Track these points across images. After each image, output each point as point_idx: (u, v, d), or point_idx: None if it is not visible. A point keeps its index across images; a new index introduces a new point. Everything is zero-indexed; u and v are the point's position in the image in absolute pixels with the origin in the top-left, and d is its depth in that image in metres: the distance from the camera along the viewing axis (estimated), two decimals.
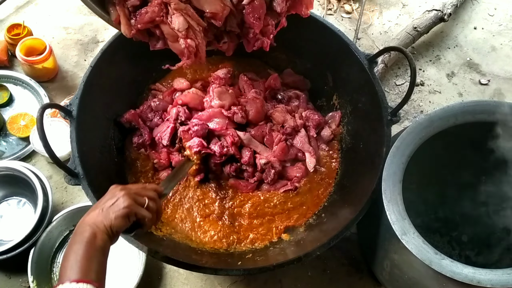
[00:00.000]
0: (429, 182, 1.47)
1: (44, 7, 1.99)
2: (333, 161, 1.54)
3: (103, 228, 0.93)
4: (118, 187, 1.02)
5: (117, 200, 0.98)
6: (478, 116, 1.21)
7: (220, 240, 1.38)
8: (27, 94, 1.76)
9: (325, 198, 1.47)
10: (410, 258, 1.14)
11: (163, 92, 1.58)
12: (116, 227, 0.94)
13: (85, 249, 0.89)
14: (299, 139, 1.51)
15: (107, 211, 0.96)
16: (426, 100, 1.91)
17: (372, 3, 2.13)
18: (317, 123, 1.54)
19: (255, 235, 1.39)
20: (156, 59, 1.55)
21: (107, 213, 0.95)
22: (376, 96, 1.35)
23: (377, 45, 2.01)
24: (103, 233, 0.93)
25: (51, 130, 1.60)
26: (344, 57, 1.44)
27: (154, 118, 1.52)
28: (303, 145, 1.51)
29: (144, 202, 1.01)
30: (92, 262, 0.88)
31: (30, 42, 1.73)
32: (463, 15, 2.10)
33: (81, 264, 0.86)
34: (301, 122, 1.53)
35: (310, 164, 1.49)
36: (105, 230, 0.93)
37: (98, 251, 0.90)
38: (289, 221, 1.43)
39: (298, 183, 1.47)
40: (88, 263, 0.87)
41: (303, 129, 1.53)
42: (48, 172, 1.63)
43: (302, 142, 1.51)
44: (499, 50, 2.02)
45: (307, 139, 1.53)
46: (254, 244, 1.39)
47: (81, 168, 1.21)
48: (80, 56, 1.88)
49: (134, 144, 1.49)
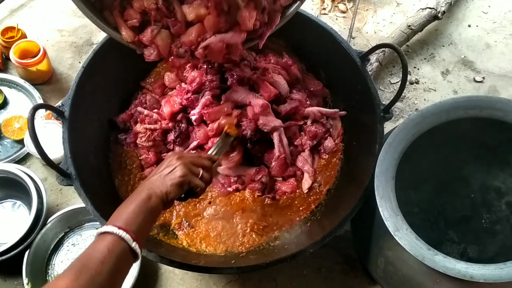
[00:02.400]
0: (423, 178, 1.47)
1: (38, 10, 1.99)
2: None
3: (159, 193, 1.00)
4: (176, 155, 1.09)
5: (174, 168, 1.05)
6: (470, 111, 1.21)
7: (218, 244, 1.37)
8: (21, 97, 1.76)
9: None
10: (404, 255, 1.14)
11: (153, 85, 1.57)
12: (171, 194, 1.01)
13: (137, 206, 0.95)
14: (301, 158, 1.48)
15: (164, 179, 1.03)
16: (421, 98, 1.91)
17: (366, 2, 2.13)
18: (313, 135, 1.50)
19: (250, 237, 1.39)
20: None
21: (164, 181, 1.02)
22: (369, 93, 1.35)
23: (372, 44, 2.01)
24: (158, 197, 0.99)
25: (46, 132, 1.61)
26: (337, 55, 1.44)
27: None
28: (304, 164, 1.47)
29: (198, 172, 1.08)
30: (139, 218, 0.93)
31: (24, 44, 1.74)
32: (457, 13, 2.10)
33: (128, 217, 0.92)
34: (310, 142, 1.48)
35: (305, 184, 1.45)
36: (160, 195, 1.00)
37: (148, 211, 0.96)
38: (284, 221, 1.42)
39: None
40: (135, 217, 0.93)
41: (308, 150, 1.48)
42: (43, 174, 1.63)
43: (304, 162, 1.47)
44: (493, 47, 2.02)
45: (311, 159, 1.48)
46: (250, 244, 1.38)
47: (74, 169, 1.21)
48: (75, 58, 1.89)
49: (122, 141, 1.49)
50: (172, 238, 1.37)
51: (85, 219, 1.53)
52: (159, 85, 1.57)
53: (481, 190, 1.45)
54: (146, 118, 1.47)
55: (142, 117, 1.48)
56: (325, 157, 1.51)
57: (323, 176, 1.48)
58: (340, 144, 1.51)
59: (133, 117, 1.50)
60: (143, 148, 1.47)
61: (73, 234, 1.53)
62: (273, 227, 1.39)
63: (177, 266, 1.18)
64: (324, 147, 1.51)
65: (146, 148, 1.47)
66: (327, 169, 1.49)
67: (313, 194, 1.45)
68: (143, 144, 1.46)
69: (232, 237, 1.36)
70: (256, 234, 1.37)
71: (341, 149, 1.51)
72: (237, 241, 1.36)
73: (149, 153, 1.46)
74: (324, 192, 1.45)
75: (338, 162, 1.50)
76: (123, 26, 1.17)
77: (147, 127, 1.46)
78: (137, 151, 1.48)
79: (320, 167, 1.49)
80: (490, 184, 1.44)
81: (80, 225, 1.54)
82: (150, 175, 1.06)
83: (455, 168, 1.45)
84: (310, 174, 1.46)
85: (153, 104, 1.53)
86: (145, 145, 1.46)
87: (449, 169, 1.45)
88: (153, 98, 1.54)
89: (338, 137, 1.51)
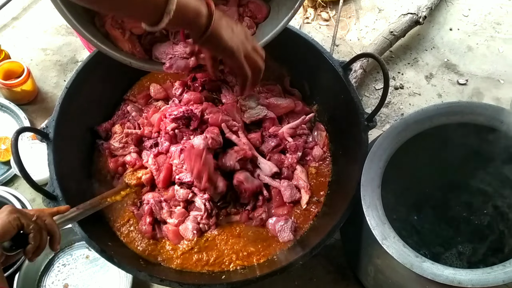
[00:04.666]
0: (410, 184, 1.48)
1: (21, 29, 1.99)
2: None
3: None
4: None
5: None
6: (452, 117, 1.23)
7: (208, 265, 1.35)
8: (6, 118, 1.75)
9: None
10: (393, 262, 1.15)
11: (137, 96, 1.56)
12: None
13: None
14: (295, 176, 1.45)
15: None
16: (406, 103, 1.92)
17: (348, 9, 2.15)
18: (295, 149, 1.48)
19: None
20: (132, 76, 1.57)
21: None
22: (352, 102, 1.36)
23: (355, 51, 2.03)
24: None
25: (32, 152, 1.60)
26: (319, 65, 1.45)
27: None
28: (298, 182, 1.44)
29: (32, 216, 0.94)
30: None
31: (8, 65, 1.73)
32: (439, 17, 2.13)
33: None
34: (295, 156, 1.46)
35: (303, 200, 1.43)
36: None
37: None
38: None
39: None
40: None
41: (299, 166, 1.47)
42: (31, 195, 1.62)
43: (297, 180, 1.44)
44: (475, 49, 2.05)
45: (304, 173, 1.46)
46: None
47: (60, 190, 1.21)
48: (60, 76, 1.89)
49: (99, 146, 1.48)
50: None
51: (75, 239, 1.52)
52: (144, 96, 1.56)
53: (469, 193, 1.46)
54: (127, 122, 1.48)
55: (124, 120, 1.49)
56: (315, 165, 1.50)
57: (316, 184, 1.47)
58: (327, 152, 1.52)
59: (115, 125, 1.50)
60: (114, 149, 1.44)
61: (63, 255, 1.52)
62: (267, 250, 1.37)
63: (167, 284, 1.18)
64: (313, 155, 1.51)
65: (115, 150, 1.45)
66: (318, 177, 1.49)
67: (311, 207, 1.43)
68: (114, 145, 1.44)
69: (222, 264, 1.35)
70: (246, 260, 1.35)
71: (329, 157, 1.51)
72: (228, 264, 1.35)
73: (111, 158, 1.45)
74: (322, 201, 1.44)
75: (328, 172, 1.50)
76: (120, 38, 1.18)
77: (127, 131, 1.45)
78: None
79: (312, 175, 1.49)
80: (477, 186, 1.46)
81: (70, 245, 1.53)
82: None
83: (444, 172, 1.46)
84: (306, 188, 1.43)
85: (136, 112, 1.52)
86: (116, 146, 1.44)
87: (439, 172, 1.46)
88: (136, 106, 1.54)
89: (324, 146, 1.52)
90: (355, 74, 1.84)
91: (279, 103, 1.52)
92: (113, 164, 1.44)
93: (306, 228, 1.40)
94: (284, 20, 1.25)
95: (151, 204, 1.36)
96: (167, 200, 1.38)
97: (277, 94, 1.56)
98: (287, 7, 1.25)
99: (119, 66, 1.20)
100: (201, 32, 0.95)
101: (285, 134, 1.48)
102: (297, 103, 1.55)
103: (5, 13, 2.00)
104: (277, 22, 1.27)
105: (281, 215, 1.39)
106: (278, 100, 1.53)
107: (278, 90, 1.57)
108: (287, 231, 1.36)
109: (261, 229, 1.39)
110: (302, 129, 1.52)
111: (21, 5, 2.05)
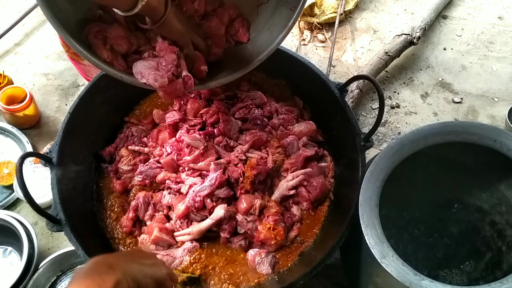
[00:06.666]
0: (408, 203, 1.50)
1: (23, 55, 2.03)
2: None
3: (130, 281, 0.83)
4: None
5: (156, 263, 0.97)
6: (446, 137, 1.25)
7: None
8: (9, 142, 1.78)
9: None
10: (392, 281, 1.15)
11: (143, 121, 1.59)
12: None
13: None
14: (293, 213, 1.45)
15: (143, 267, 0.89)
16: (403, 122, 1.95)
17: (344, 31, 2.20)
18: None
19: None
20: (134, 98, 1.60)
21: (142, 269, 0.88)
22: (349, 123, 1.39)
23: (352, 71, 2.07)
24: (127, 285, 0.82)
25: (35, 176, 1.62)
26: (316, 88, 1.49)
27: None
28: (294, 218, 1.44)
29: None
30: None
31: (10, 91, 1.77)
32: (432, 37, 2.18)
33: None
34: (306, 204, 1.45)
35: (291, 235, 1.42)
36: (131, 284, 0.83)
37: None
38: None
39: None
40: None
41: (295, 206, 1.46)
42: (33, 218, 1.64)
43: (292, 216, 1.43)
44: (469, 68, 2.09)
45: (300, 211, 1.46)
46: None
47: (63, 214, 1.22)
48: (61, 101, 1.92)
49: (104, 170, 1.50)
50: None
51: (77, 262, 1.54)
52: (150, 121, 1.59)
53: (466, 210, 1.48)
54: (132, 145, 1.51)
55: (128, 143, 1.51)
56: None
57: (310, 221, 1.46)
58: (331, 181, 1.50)
59: (118, 148, 1.52)
60: (123, 173, 1.47)
61: (65, 278, 1.53)
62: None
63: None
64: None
65: (124, 173, 1.47)
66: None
67: (294, 245, 1.41)
68: (123, 168, 1.47)
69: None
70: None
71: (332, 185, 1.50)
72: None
73: (117, 180, 1.47)
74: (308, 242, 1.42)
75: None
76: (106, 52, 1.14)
77: (134, 149, 1.49)
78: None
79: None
80: (473, 203, 1.48)
81: (72, 267, 1.54)
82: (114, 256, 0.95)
83: (441, 189, 1.48)
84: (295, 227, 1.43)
85: (141, 134, 1.55)
86: (125, 169, 1.47)
87: (436, 190, 1.48)
88: (140, 129, 1.56)
89: (329, 172, 1.51)
90: (352, 94, 1.87)
91: (301, 129, 1.54)
92: (120, 186, 1.46)
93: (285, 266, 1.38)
94: (280, 37, 1.24)
95: (139, 202, 1.39)
96: (155, 204, 1.41)
97: (296, 117, 1.58)
98: (281, 25, 1.24)
99: (119, 90, 1.22)
100: (159, 17, 1.11)
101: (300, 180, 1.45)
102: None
103: (8, 39, 2.05)
104: (271, 40, 1.26)
105: (262, 249, 1.38)
106: (300, 126, 1.55)
107: (297, 113, 1.59)
108: (266, 264, 1.33)
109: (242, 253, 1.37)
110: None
111: (23, 31, 2.10)
